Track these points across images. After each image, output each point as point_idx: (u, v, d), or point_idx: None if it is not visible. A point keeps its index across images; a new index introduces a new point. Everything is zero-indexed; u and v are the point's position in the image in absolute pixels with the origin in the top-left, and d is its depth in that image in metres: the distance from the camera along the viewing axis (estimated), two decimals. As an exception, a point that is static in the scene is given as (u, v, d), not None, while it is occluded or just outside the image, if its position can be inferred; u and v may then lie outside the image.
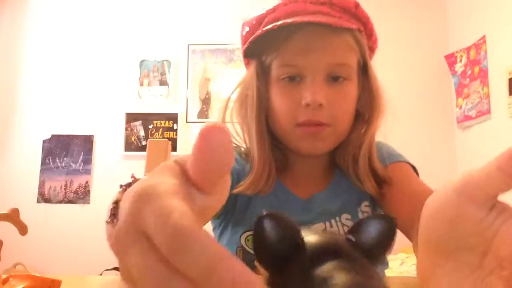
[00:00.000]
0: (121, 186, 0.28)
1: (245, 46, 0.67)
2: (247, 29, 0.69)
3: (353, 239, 0.22)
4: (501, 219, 0.25)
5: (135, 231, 0.20)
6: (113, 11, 3.32)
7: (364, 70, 0.69)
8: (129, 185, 0.29)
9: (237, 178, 0.68)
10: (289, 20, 0.60)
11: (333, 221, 0.66)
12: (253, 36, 0.64)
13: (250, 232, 0.64)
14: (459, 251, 0.26)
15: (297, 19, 0.60)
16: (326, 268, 0.18)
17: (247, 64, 0.74)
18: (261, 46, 0.66)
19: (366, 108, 0.69)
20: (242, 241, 0.66)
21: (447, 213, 0.26)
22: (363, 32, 0.67)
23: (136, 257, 0.20)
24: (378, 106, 0.68)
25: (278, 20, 0.62)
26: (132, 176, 0.49)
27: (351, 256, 0.20)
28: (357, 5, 0.65)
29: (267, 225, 0.21)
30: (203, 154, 0.22)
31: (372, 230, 0.22)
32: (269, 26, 0.62)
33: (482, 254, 0.26)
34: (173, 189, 0.21)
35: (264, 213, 0.22)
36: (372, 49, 0.71)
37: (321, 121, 0.63)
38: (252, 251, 0.59)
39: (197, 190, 0.23)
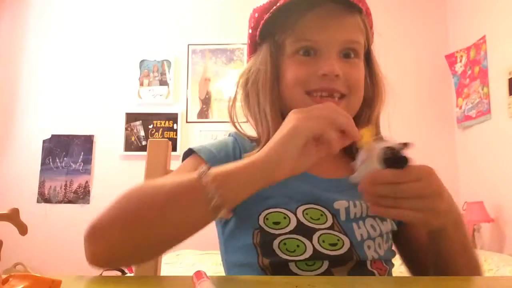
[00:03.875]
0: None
1: (265, 18, 0.69)
2: (258, 13, 0.72)
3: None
4: None
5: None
6: (113, 11, 3.32)
7: (366, 56, 0.73)
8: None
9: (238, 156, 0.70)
10: None
11: (357, 201, 0.67)
12: (271, 10, 0.67)
13: (270, 210, 0.64)
14: None
15: None
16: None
17: (252, 53, 0.76)
18: (274, 26, 0.69)
19: (368, 93, 0.73)
20: (261, 222, 0.64)
21: None
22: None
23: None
24: (379, 90, 0.73)
25: None
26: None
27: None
28: None
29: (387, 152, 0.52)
30: None
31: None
32: (288, 0, 0.65)
33: None
34: None
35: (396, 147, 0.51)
36: (372, 37, 0.76)
37: (338, 89, 0.66)
38: (271, 230, 0.64)
39: None
